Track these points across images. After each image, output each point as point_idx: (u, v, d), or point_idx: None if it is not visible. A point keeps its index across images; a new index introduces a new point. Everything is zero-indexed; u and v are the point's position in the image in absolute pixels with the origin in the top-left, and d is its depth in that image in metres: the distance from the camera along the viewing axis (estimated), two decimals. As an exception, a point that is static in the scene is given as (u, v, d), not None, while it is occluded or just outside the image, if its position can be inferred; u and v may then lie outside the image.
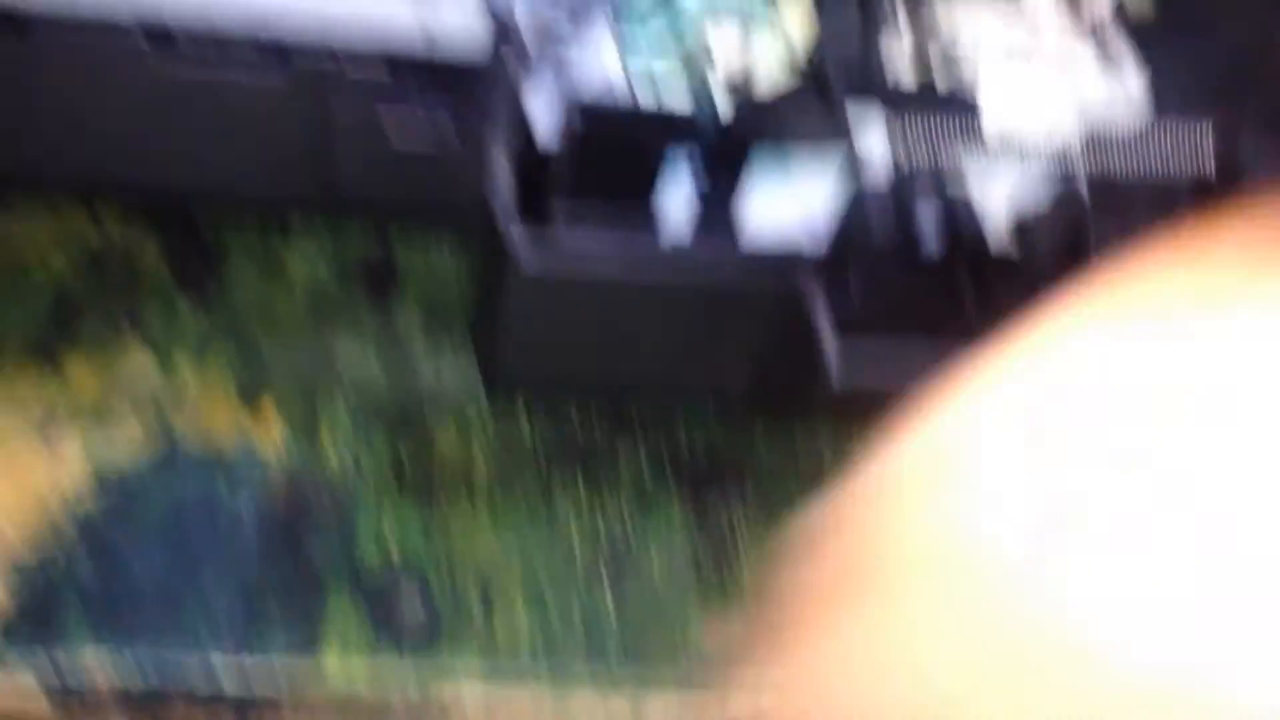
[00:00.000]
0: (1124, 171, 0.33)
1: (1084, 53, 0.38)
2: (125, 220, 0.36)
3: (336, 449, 0.33)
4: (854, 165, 0.31)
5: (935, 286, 0.30)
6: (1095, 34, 0.38)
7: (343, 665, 0.29)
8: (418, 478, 0.32)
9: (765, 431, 0.35)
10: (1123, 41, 0.38)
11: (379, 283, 0.36)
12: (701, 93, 0.32)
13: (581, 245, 0.30)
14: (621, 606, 0.31)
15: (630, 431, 0.34)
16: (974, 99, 0.35)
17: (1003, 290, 0.31)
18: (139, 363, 0.33)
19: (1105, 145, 0.34)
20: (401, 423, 0.33)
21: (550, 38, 0.32)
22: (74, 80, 0.31)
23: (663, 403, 0.34)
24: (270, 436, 0.33)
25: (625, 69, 0.33)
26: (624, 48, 0.33)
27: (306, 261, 0.36)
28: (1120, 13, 0.39)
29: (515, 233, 0.28)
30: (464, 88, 0.32)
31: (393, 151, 0.32)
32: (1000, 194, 0.34)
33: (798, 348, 0.30)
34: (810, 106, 0.33)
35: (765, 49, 0.35)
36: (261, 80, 0.30)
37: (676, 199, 0.32)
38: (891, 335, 0.29)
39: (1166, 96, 0.36)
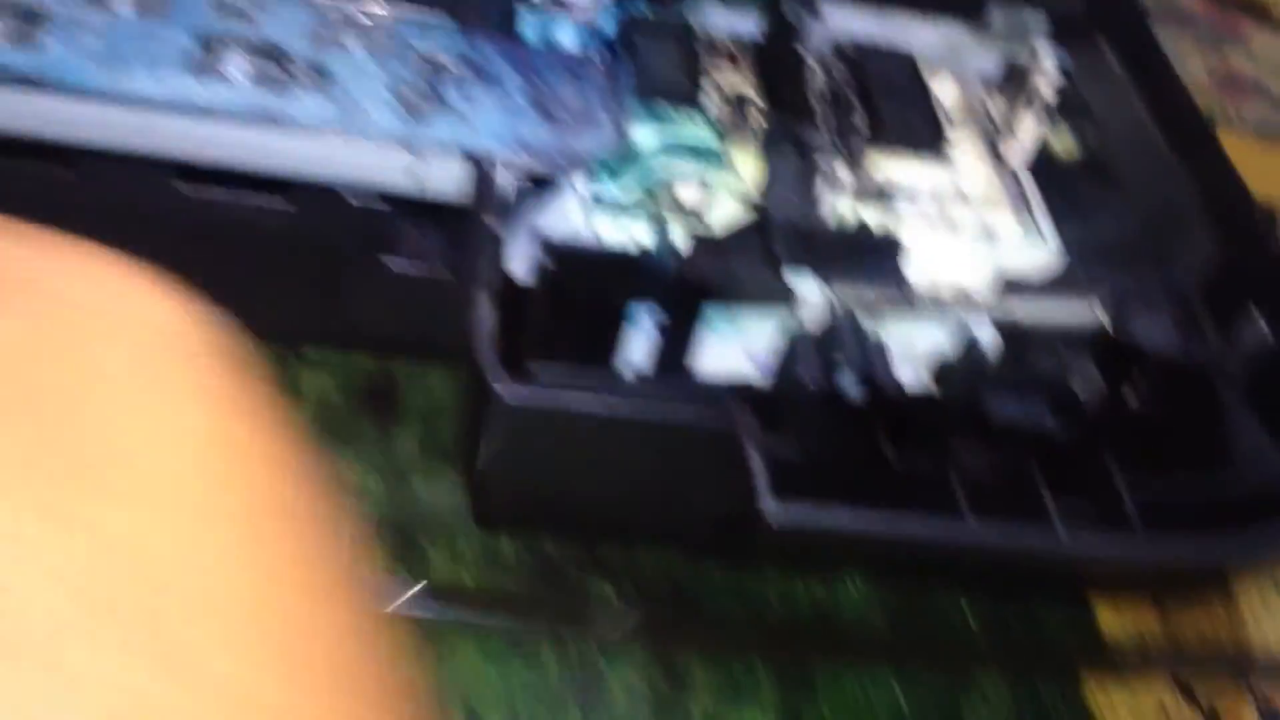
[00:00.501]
0: (1031, 322, 0.37)
1: (1004, 204, 0.42)
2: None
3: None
4: (791, 314, 0.35)
5: (859, 428, 0.34)
6: (1016, 185, 0.42)
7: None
8: (409, 591, 0.36)
9: (722, 573, 0.38)
10: (1040, 192, 0.42)
11: (383, 408, 0.40)
12: (662, 241, 0.37)
13: (552, 378, 0.33)
14: None
15: (601, 568, 0.38)
16: (900, 252, 0.39)
17: (919, 431, 0.34)
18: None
19: (1016, 298, 0.38)
20: (399, 541, 0.37)
21: (529, 186, 0.37)
22: (113, 210, 0.35)
23: (631, 542, 0.38)
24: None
25: (596, 217, 0.38)
26: (596, 197, 0.38)
27: (318, 385, 0.40)
28: (1043, 158, 0.43)
29: (492, 365, 0.32)
30: (453, 224, 0.36)
31: (392, 280, 0.36)
32: (921, 340, 0.38)
33: (739, 486, 0.34)
34: (755, 258, 0.37)
35: (720, 203, 0.39)
36: (272, 205, 0.34)
37: (638, 338, 0.36)
38: (821, 477, 0.33)
39: (1076, 248, 0.40)
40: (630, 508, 0.36)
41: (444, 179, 0.34)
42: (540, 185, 0.35)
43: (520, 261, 0.35)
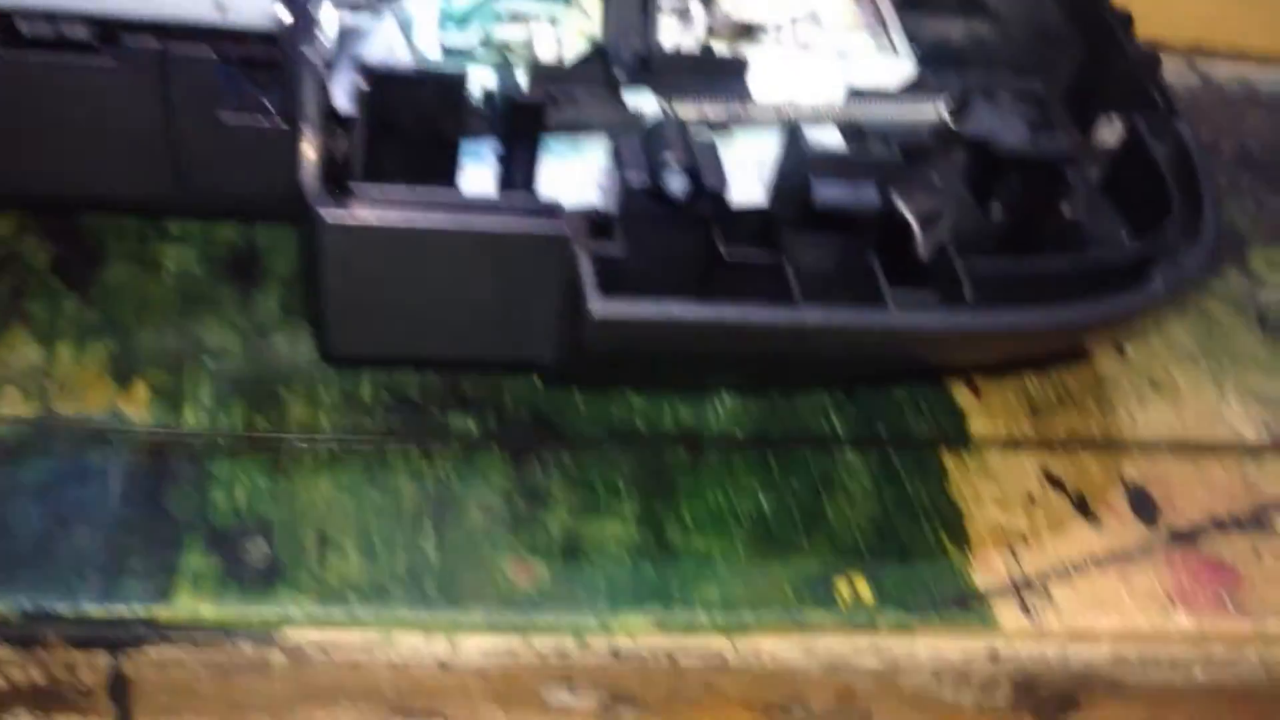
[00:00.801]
0: (877, 129, 0.37)
1: (860, 27, 0.42)
2: (18, 227, 0.40)
3: (197, 418, 0.36)
4: (629, 129, 0.35)
5: (694, 231, 0.34)
6: (874, 10, 0.42)
7: (195, 608, 0.33)
8: (268, 440, 0.36)
9: (587, 404, 0.38)
10: (899, 16, 0.42)
11: (244, 272, 0.40)
12: (506, 79, 0.37)
13: (378, 197, 0.33)
14: (443, 553, 0.34)
15: (461, 399, 0.38)
16: (744, 71, 0.39)
17: (757, 241, 0.34)
18: (24, 349, 0.37)
19: (863, 104, 0.38)
20: (257, 394, 0.37)
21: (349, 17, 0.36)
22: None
23: (490, 372, 0.38)
24: (138, 410, 0.36)
25: (422, 44, 0.37)
26: (428, 25, 0.38)
27: (179, 257, 0.40)
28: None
29: (314, 190, 0.32)
30: (279, 66, 0.36)
31: (230, 135, 0.36)
32: (767, 155, 0.37)
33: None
34: (596, 85, 0.37)
35: (567, 41, 0.39)
36: (97, 63, 0.34)
37: (476, 164, 0.36)
38: (655, 277, 0.33)
39: (932, 63, 0.40)
40: (474, 333, 0.36)
41: (251, 8, 0.34)
42: (360, 16, 0.35)
43: (344, 93, 0.35)
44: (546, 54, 0.40)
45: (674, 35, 0.41)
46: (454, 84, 0.35)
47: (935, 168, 0.38)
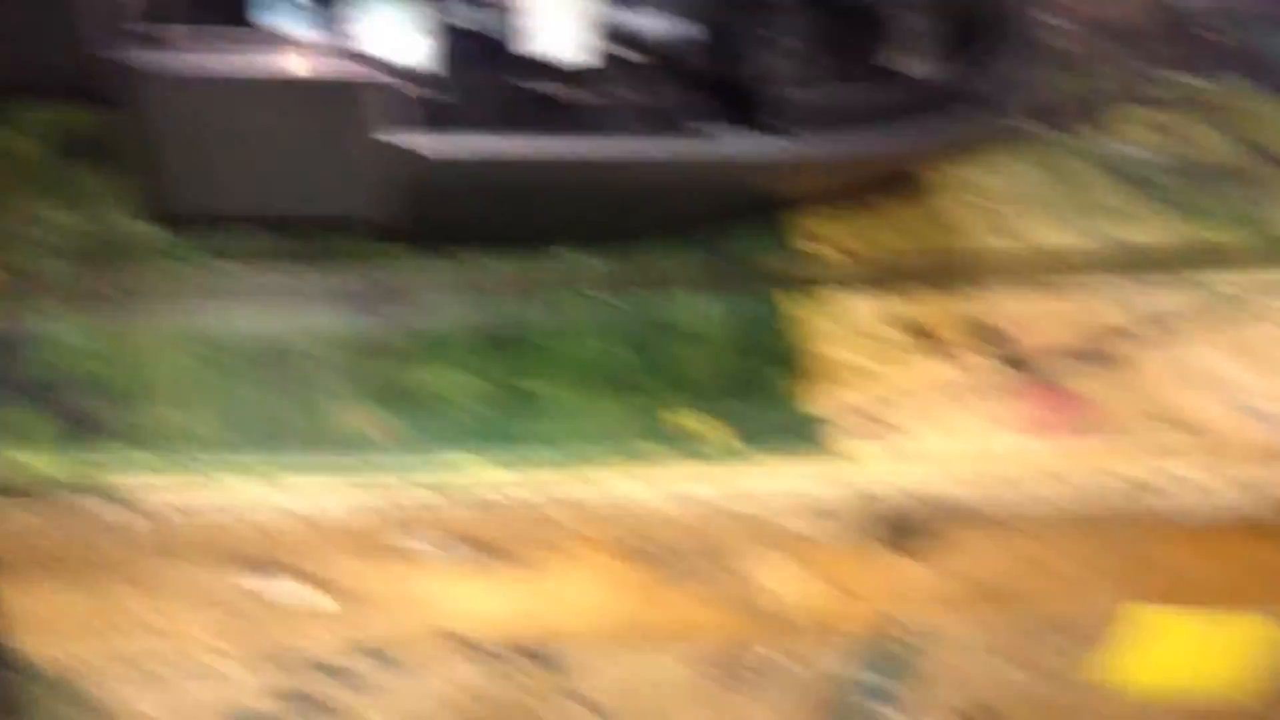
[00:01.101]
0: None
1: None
2: None
3: (27, 285, 0.36)
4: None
5: (519, 84, 0.34)
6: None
7: (23, 461, 0.32)
8: (102, 300, 0.36)
9: (424, 254, 0.38)
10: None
11: (82, 154, 0.40)
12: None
13: (176, 35, 0.32)
14: (284, 405, 0.34)
15: (298, 256, 0.37)
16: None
17: (583, 83, 0.34)
18: None
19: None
20: (89, 260, 0.37)
21: None
22: None
23: (327, 229, 0.38)
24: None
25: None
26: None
27: (15, 141, 0.40)
28: None
29: (97, 30, 0.31)
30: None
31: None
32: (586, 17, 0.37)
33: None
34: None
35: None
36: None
37: (292, 15, 0.35)
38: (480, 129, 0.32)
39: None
40: (301, 186, 0.35)
41: None
42: None
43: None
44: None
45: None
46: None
47: (762, 6, 0.38)
